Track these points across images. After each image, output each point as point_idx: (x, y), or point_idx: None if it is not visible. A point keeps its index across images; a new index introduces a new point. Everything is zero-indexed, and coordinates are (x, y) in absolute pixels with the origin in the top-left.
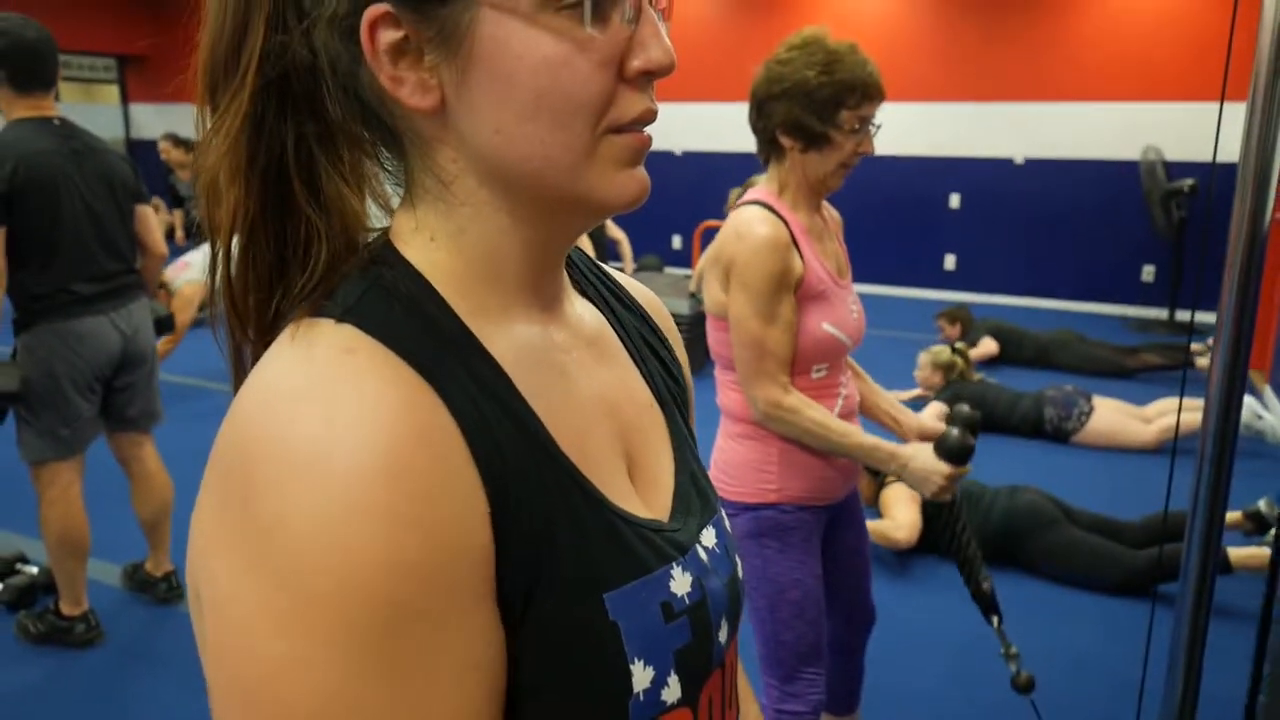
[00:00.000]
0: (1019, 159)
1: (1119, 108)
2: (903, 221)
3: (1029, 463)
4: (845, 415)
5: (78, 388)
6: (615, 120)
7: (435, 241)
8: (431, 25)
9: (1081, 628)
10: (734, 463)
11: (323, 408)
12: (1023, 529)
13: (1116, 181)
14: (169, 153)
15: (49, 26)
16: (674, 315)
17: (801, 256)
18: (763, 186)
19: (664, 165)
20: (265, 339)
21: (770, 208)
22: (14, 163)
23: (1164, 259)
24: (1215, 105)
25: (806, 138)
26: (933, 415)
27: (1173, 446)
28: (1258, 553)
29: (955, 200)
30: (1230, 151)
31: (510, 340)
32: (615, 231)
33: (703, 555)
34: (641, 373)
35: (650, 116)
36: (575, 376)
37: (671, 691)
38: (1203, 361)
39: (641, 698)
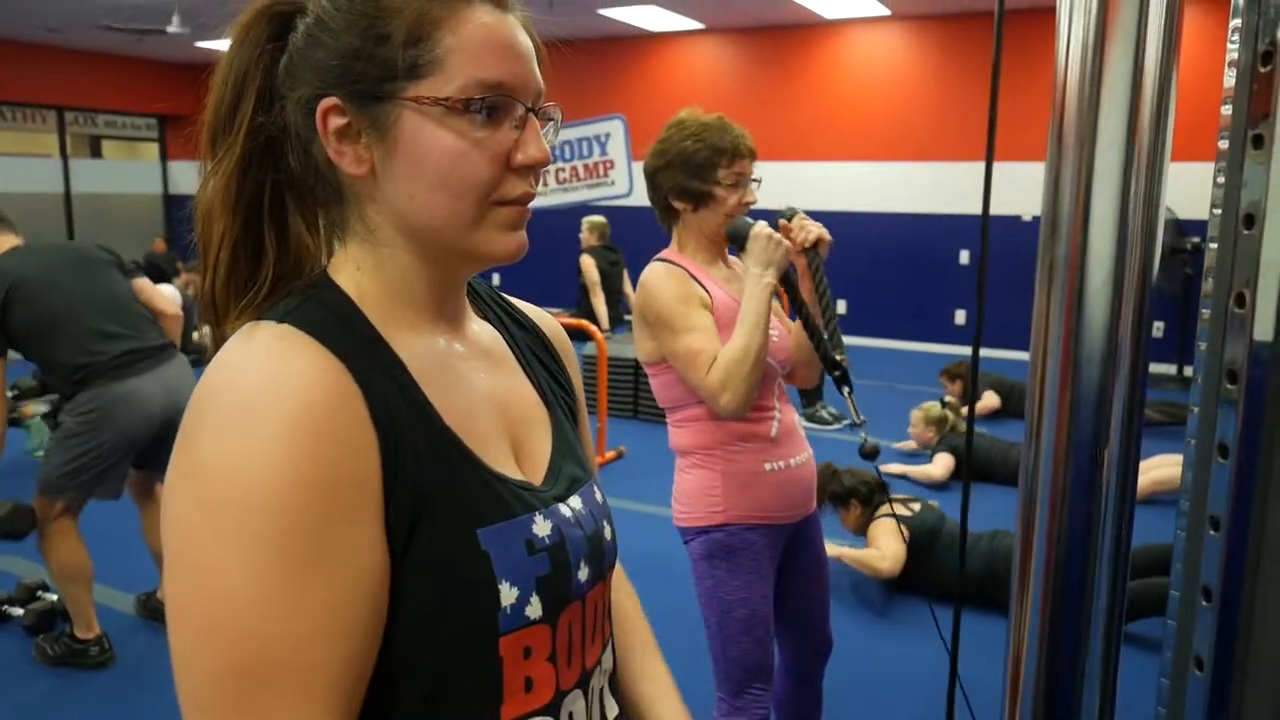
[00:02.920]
0: (1027, 216)
1: None
2: (915, 278)
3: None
4: (784, 436)
5: (118, 450)
6: (500, 197)
7: (361, 270)
8: (367, 117)
9: None
10: (685, 491)
11: (255, 374)
12: (1002, 571)
13: None
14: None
15: (95, 88)
16: None
17: (706, 290)
18: (667, 250)
19: None
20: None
21: (670, 261)
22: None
23: (1173, 315)
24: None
25: (694, 198)
26: (941, 467)
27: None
28: None
29: (965, 257)
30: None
31: (417, 347)
32: (628, 288)
33: (565, 512)
34: (529, 378)
35: (528, 197)
36: (470, 377)
37: (534, 609)
38: None
39: (509, 611)
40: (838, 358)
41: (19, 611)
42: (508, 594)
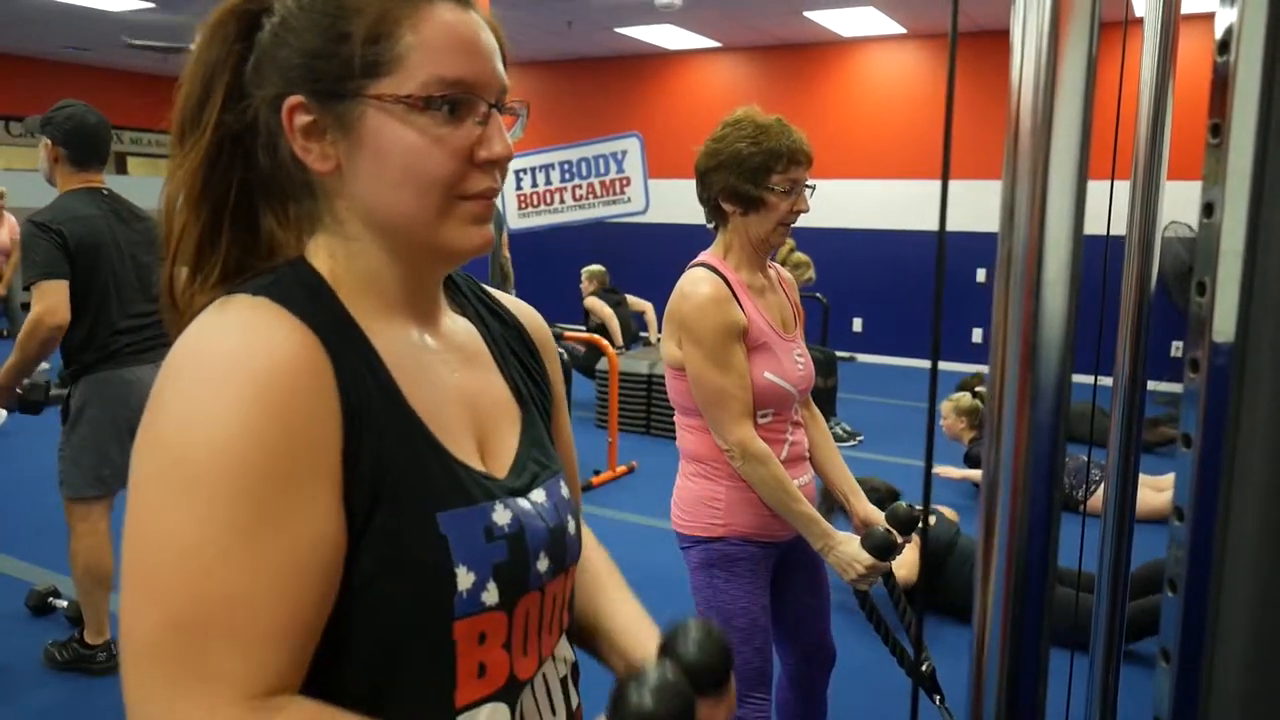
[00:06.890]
0: None
1: None
2: (930, 295)
3: None
4: (792, 460)
5: (121, 434)
6: (463, 191)
7: (334, 258)
8: (332, 115)
9: (1076, 688)
10: (687, 499)
11: (226, 340)
12: None
13: None
14: None
15: (121, 105)
16: None
17: (743, 310)
18: (709, 251)
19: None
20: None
21: (713, 269)
22: (62, 224)
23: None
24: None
25: (744, 202)
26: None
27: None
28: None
29: (981, 275)
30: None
31: (390, 337)
32: (639, 304)
33: (526, 505)
34: (503, 374)
35: (492, 193)
36: (440, 371)
37: (490, 596)
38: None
39: (464, 595)
40: (924, 668)
41: (64, 603)
42: (464, 578)
